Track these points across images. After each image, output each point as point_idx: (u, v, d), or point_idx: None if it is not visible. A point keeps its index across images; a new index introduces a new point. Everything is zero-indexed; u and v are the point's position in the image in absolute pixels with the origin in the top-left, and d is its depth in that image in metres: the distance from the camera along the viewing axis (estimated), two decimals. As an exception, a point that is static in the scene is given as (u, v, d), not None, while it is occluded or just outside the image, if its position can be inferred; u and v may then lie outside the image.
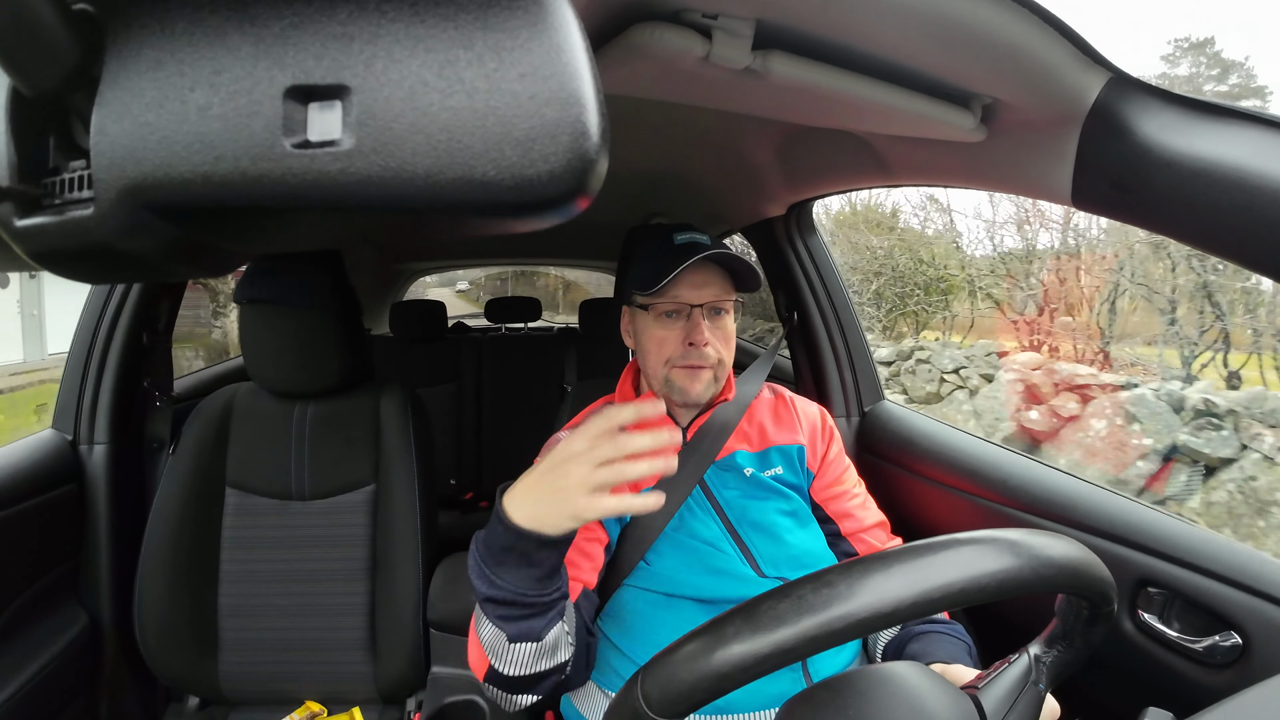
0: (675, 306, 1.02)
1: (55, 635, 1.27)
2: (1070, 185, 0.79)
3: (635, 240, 1.13)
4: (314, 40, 0.24)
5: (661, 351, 1.03)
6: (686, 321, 1.02)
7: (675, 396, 1.05)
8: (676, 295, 1.01)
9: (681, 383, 1.03)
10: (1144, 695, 0.96)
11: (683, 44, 0.66)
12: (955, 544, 0.49)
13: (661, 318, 1.03)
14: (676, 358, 1.02)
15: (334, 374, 1.34)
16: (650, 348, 1.05)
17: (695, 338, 1.01)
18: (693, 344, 1.01)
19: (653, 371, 1.06)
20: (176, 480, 1.30)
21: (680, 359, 1.02)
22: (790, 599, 0.48)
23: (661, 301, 1.02)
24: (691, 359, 1.02)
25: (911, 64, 0.72)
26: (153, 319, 1.50)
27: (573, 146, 0.24)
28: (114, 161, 0.25)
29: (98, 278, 0.33)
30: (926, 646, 0.91)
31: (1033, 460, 1.26)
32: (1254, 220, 0.60)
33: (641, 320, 1.06)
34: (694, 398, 1.03)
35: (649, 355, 1.05)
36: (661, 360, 1.03)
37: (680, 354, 1.02)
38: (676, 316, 1.03)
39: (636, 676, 0.50)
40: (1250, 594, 0.85)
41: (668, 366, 1.03)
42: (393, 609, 1.30)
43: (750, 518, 1.03)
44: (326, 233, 0.32)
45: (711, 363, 1.03)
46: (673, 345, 1.02)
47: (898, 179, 1.19)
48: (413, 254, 3.50)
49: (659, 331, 1.03)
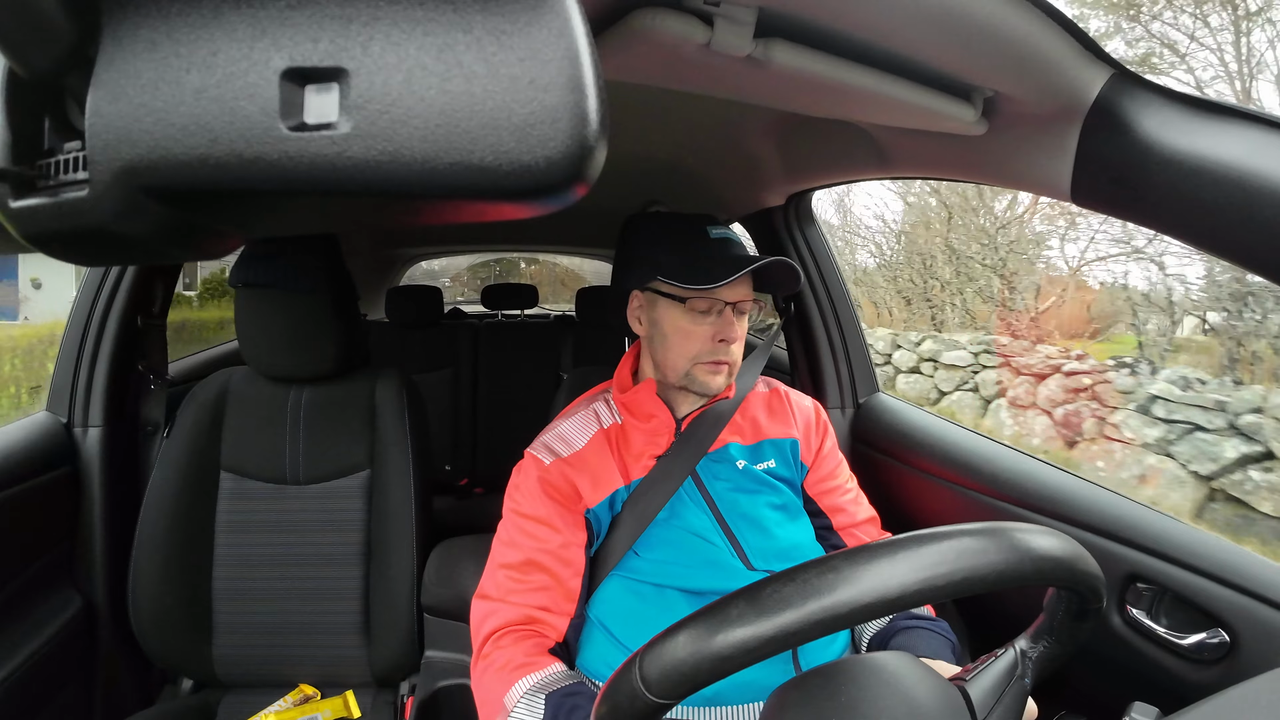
0: (712, 303, 1.01)
1: (50, 618, 1.27)
2: (1070, 181, 0.79)
3: (640, 228, 1.11)
4: (311, 22, 0.24)
5: (688, 346, 1.02)
6: (718, 319, 1.02)
7: (695, 389, 1.04)
8: (717, 293, 1.00)
9: (704, 378, 1.02)
10: (1131, 690, 0.97)
11: (684, 30, 0.65)
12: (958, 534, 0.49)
13: (695, 313, 1.02)
14: (704, 354, 1.02)
15: (329, 359, 1.34)
16: (676, 341, 1.03)
17: (729, 335, 1.01)
18: (724, 341, 1.01)
19: (673, 364, 1.04)
20: (171, 464, 1.30)
21: (708, 355, 1.02)
22: (795, 583, 0.47)
23: (702, 298, 1.01)
24: (719, 355, 1.01)
25: (914, 55, 0.71)
26: (148, 302, 1.50)
27: (572, 133, 0.24)
28: (109, 143, 0.25)
29: (92, 260, 0.32)
30: (912, 641, 0.92)
31: (1025, 455, 1.26)
32: (1253, 220, 0.60)
33: (668, 311, 1.04)
34: (713, 391, 1.03)
35: (672, 348, 1.04)
36: (688, 355, 1.03)
37: (709, 350, 1.02)
38: (708, 313, 1.02)
39: (634, 658, 0.50)
40: (1238, 592, 0.86)
41: (693, 362, 1.03)
42: (387, 594, 1.31)
43: (741, 510, 1.03)
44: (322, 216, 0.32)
45: (734, 360, 1.03)
46: (701, 341, 1.02)
47: (897, 170, 1.19)
48: (409, 239, 3.50)
49: (689, 326, 1.02)
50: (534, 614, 0.95)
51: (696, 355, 1.02)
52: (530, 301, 3.51)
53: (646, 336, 1.09)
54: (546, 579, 0.96)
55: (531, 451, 1.06)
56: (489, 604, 0.96)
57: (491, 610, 0.95)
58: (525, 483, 1.03)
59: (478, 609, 0.98)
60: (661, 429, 1.06)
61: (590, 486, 1.01)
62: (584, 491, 1.01)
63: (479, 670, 0.92)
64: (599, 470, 1.02)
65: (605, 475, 1.02)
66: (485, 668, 0.90)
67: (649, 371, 1.10)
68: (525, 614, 0.94)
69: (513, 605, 0.95)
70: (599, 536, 1.02)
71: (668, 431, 1.06)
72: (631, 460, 1.04)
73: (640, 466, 1.04)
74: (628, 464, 1.04)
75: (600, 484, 1.01)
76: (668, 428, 1.06)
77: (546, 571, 0.96)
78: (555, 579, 0.96)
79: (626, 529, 1.00)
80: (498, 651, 0.91)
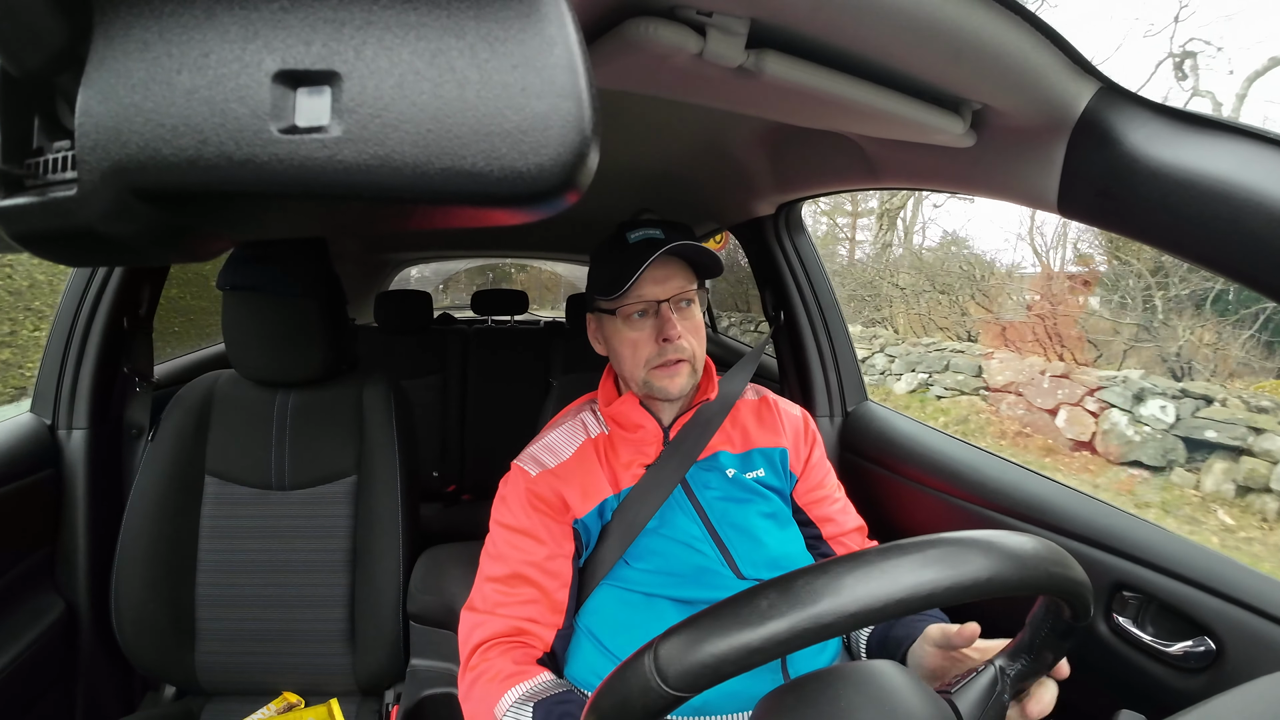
0: (642, 305, 1.01)
1: (31, 622, 1.25)
2: (1057, 193, 0.80)
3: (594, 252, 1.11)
4: (304, 25, 0.24)
5: (637, 354, 1.03)
6: (656, 318, 1.02)
7: (658, 395, 1.04)
8: (641, 294, 1.00)
9: (661, 383, 1.02)
10: (1117, 697, 0.98)
11: (677, 40, 0.65)
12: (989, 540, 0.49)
13: (631, 319, 1.02)
14: (653, 357, 1.02)
15: (317, 363, 1.33)
16: (624, 352, 1.04)
17: (669, 333, 1.00)
18: (667, 339, 1.01)
19: (630, 375, 1.05)
20: (155, 467, 1.29)
21: (657, 358, 1.02)
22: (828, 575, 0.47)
23: (628, 303, 1.01)
24: (668, 355, 1.01)
25: (903, 68, 0.72)
26: (134, 304, 1.48)
27: (563, 140, 0.24)
28: (98, 143, 0.25)
29: (79, 260, 0.32)
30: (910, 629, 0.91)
31: (1012, 464, 1.27)
32: (1238, 233, 0.61)
33: (610, 325, 1.05)
34: (676, 394, 1.03)
35: (624, 360, 1.05)
36: (639, 363, 1.03)
37: (656, 353, 1.02)
38: (645, 315, 1.02)
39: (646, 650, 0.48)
40: (1224, 600, 0.86)
41: (646, 368, 1.03)
42: (373, 601, 1.30)
43: (731, 519, 1.03)
44: (312, 220, 0.32)
45: (687, 355, 1.02)
46: (646, 345, 1.02)
47: (887, 182, 1.20)
48: (399, 244, 3.48)
49: (630, 334, 1.03)
50: (522, 625, 0.94)
51: (648, 360, 1.02)
52: (520, 308, 3.51)
53: (609, 354, 1.10)
54: (533, 592, 0.96)
55: (518, 463, 1.06)
56: (477, 616, 0.96)
57: (479, 622, 0.95)
58: (512, 495, 1.02)
59: (466, 621, 0.97)
60: (650, 438, 1.06)
61: (579, 497, 1.01)
62: (572, 502, 1.00)
63: (467, 682, 0.91)
64: (587, 480, 1.02)
65: (594, 485, 1.02)
66: (474, 679, 0.90)
67: (626, 387, 1.11)
68: (513, 626, 0.94)
69: (500, 618, 0.94)
70: (588, 546, 1.02)
71: (656, 440, 1.06)
72: (621, 469, 1.04)
73: (630, 475, 1.03)
74: (617, 473, 1.04)
75: (589, 494, 1.01)
76: (656, 437, 1.06)
77: (533, 584, 0.96)
78: (542, 591, 0.96)
79: (616, 538, 1.00)
80: (485, 663, 0.91)
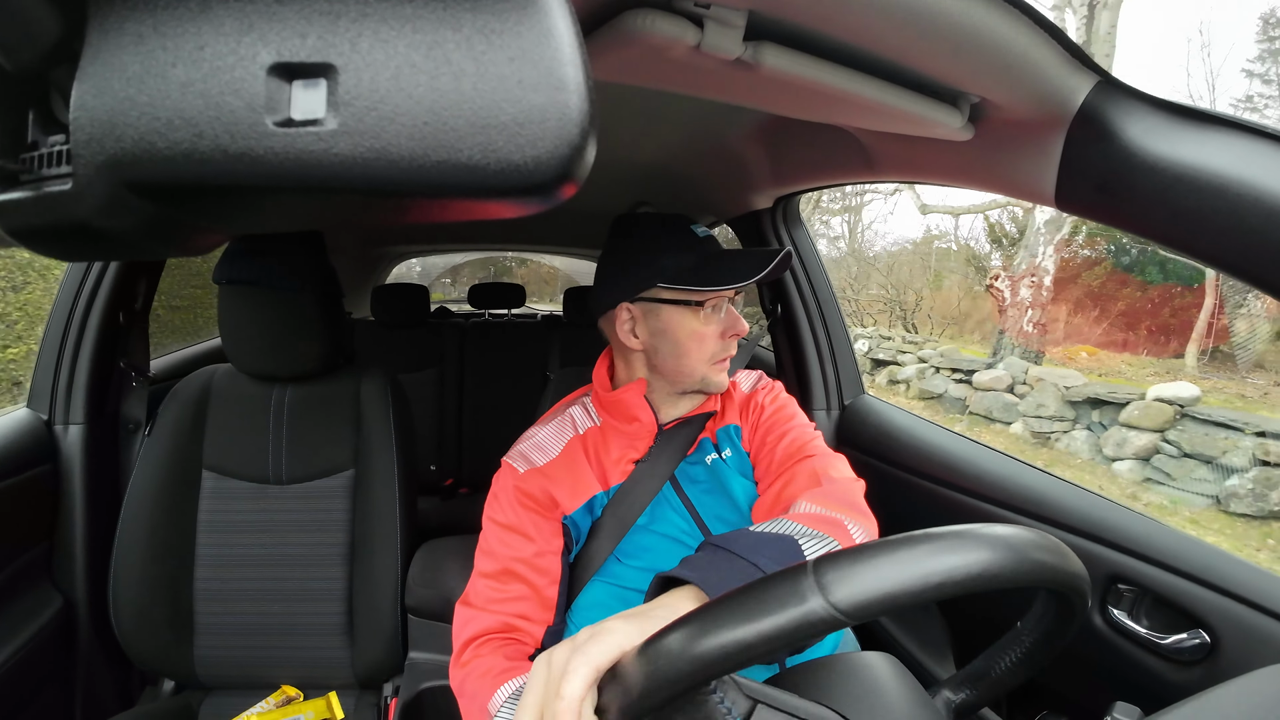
0: (719, 300, 1.01)
1: (29, 618, 1.26)
2: (1054, 186, 0.80)
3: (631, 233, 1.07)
4: (299, 17, 0.24)
5: (704, 348, 1.01)
6: (725, 316, 1.02)
7: (710, 389, 1.04)
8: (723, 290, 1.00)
9: (717, 377, 1.02)
10: (1112, 690, 0.98)
11: (675, 32, 0.65)
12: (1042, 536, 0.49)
13: (707, 314, 1.00)
14: (717, 353, 1.02)
15: (314, 357, 1.33)
16: (691, 346, 1.01)
17: (739, 328, 1.01)
18: (735, 335, 1.01)
19: (689, 370, 1.02)
20: (152, 462, 1.29)
21: (721, 353, 1.02)
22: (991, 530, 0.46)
23: (713, 297, 1.00)
24: (730, 350, 1.02)
25: (901, 60, 0.72)
26: (130, 298, 1.48)
27: (560, 132, 0.24)
28: (93, 137, 0.25)
29: (75, 255, 0.32)
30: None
31: (1009, 457, 1.28)
32: (1235, 227, 0.61)
33: (679, 317, 1.01)
34: (724, 387, 1.04)
35: (688, 354, 1.01)
36: (704, 357, 1.01)
37: (721, 348, 1.02)
38: (716, 310, 1.01)
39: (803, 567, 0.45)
40: (1219, 593, 0.87)
41: (710, 363, 1.02)
42: (371, 594, 1.30)
43: (716, 512, 1.02)
44: (308, 213, 0.31)
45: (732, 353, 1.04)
46: (713, 341, 1.01)
47: (884, 175, 1.20)
48: (395, 237, 3.48)
49: (702, 328, 1.00)
50: (513, 622, 0.95)
51: (711, 355, 1.02)
52: (517, 301, 3.50)
53: (648, 349, 1.04)
54: (524, 588, 0.96)
55: (508, 460, 1.05)
56: (470, 610, 0.96)
57: (472, 617, 0.95)
58: (502, 492, 1.02)
59: (460, 615, 0.97)
60: (642, 433, 1.05)
61: (567, 494, 1.00)
62: (560, 499, 1.00)
63: (459, 676, 0.91)
64: (574, 477, 1.02)
65: (581, 482, 1.02)
66: (466, 675, 0.90)
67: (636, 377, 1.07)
68: (505, 622, 0.94)
69: (492, 614, 0.95)
70: (578, 542, 1.02)
71: (648, 435, 1.05)
72: (610, 465, 1.03)
73: (619, 471, 1.03)
74: (606, 469, 1.03)
75: (577, 490, 1.01)
76: (649, 432, 1.05)
77: (523, 581, 0.96)
78: (532, 588, 0.96)
79: (607, 534, 1.00)
80: (478, 659, 0.91)
